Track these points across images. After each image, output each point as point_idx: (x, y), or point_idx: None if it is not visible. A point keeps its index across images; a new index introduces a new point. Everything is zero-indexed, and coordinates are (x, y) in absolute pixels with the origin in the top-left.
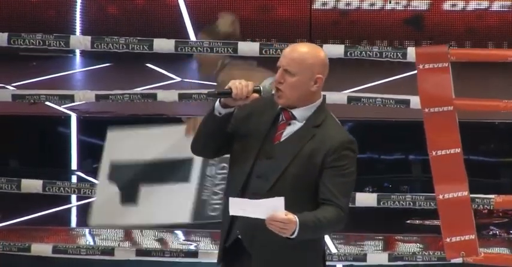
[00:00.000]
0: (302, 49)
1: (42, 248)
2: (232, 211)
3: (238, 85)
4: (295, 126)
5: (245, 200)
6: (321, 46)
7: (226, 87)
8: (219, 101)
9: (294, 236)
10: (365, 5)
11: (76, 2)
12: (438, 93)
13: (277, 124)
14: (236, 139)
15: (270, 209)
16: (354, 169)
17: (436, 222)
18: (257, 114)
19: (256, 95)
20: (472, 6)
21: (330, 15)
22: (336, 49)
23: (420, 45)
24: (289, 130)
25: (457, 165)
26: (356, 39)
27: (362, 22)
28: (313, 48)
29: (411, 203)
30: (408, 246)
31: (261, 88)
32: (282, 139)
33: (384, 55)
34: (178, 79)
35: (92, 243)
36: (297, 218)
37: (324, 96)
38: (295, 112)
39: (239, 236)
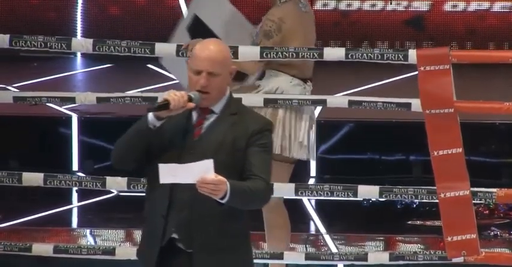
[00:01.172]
0: (214, 48)
1: (43, 248)
2: (163, 179)
3: (175, 96)
4: (212, 117)
5: (174, 165)
6: (322, 49)
7: (161, 99)
8: (153, 114)
9: (225, 200)
10: (366, 6)
11: (77, 2)
12: (439, 95)
13: (193, 122)
14: (154, 147)
15: (200, 173)
16: (272, 149)
17: (437, 223)
18: (167, 119)
19: (191, 104)
20: (473, 7)
21: (331, 16)
22: (337, 52)
23: (421, 45)
24: (207, 124)
25: (458, 164)
26: (357, 39)
27: (363, 23)
28: (220, 43)
29: (413, 196)
30: (409, 247)
31: (192, 96)
32: (202, 132)
33: (385, 57)
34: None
35: (92, 243)
36: (227, 181)
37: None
38: (213, 107)
39: (175, 236)
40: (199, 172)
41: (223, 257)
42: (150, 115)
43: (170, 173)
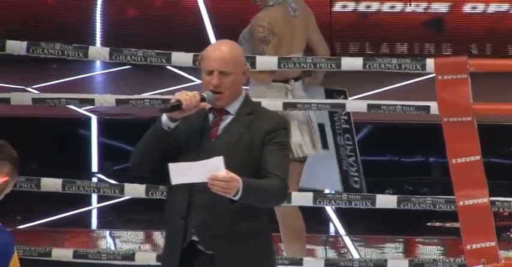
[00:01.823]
0: (226, 48)
1: (62, 253)
2: (174, 180)
3: (186, 96)
4: (228, 118)
5: (184, 163)
6: (339, 59)
7: (173, 100)
8: (166, 115)
9: (237, 197)
10: (385, 8)
11: (96, 5)
12: (457, 104)
13: (210, 123)
14: (171, 150)
15: (211, 170)
16: (288, 147)
17: (456, 224)
18: (183, 120)
19: (204, 104)
20: (492, 8)
21: (350, 17)
22: (355, 62)
23: (440, 47)
24: (223, 125)
25: (477, 172)
26: (376, 41)
27: (382, 24)
28: (233, 43)
29: (431, 206)
30: (429, 249)
31: (205, 96)
32: (218, 134)
33: (402, 67)
34: (199, 81)
35: (112, 245)
36: (239, 178)
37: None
38: (228, 107)
39: (194, 238)
40: (210, 170)
41: (243, 258)
42: (164, 117)
43: (181, 172)
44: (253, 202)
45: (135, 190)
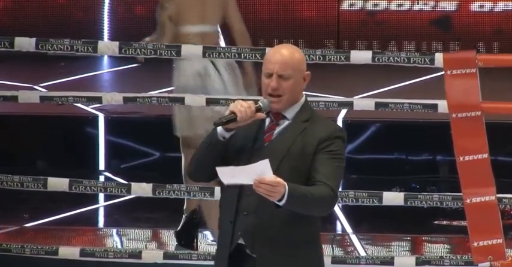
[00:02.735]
0: (287, 52)
1: (69, 251)
2: (225, 181)
3: (241, 108)
4: (285, 124)
5: (231, 167)
6: (349, 52)
7: (227, 112)
8: (222, 126)
9: (282, 202)
10: (393, 6)
11: (104, 2)
12: (466, 99)
13: (265, 127)
14: (228, 154)
15: (258, 174)
16: (344, 156)
17: (463, 222)
18: (242, 125)
19: (261, 114)
20: (500, 7)
21: (357, 15)
22: (364, 56)
23: (448, 45)
24: (278, 130)
25: (484, 170)
26: (384, 39)
27: (390, 23)
28: (294, 48)
29: (438, 203)
30: (436, 248)
31: (261, 105)
32: (273, 138)
33: (411, 60)
34: None
35: (119, 243)
36: (286, 183)
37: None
38: (285, 112)
39: (241, 242)
40: (257, 173)
41: (287, 264)
42: (219, 128)
43: (229, 175)
44: (298, 209)
45: (142, 189)
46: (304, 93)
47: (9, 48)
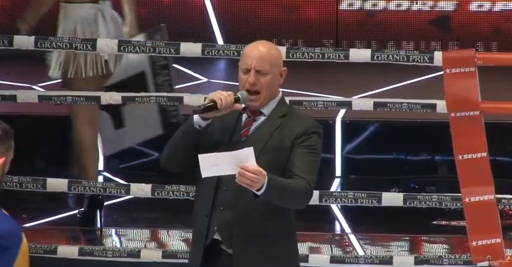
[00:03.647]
0: (264, 48)
1: (68, 250)
2: (204, 172)
3: (221, 96)
4: (261, 119)
5: (214, 154)
6: (348, 50)
7: (207, 101)
8: (199, 115)
9: (261, 191)
10: (392, 6)
11: None
12: (465, 98)
13: (243, 123)
14: (202, 147)
15: (241, 161)
16: (320, 151)
17: (462, 223)
18: (218, 118)
19: (239, 105)
20: (498, 7)
21: (356, 16)
22: (363, 54)
23: (447, 46)
24: (255, 125)
25: (483, 169)
26: (382, 40)
27: (389, 23)
28: (270, 44)
29: (437, 204)
30: (434, 248)
31: (240, 96)
32: (249, 134)
33: (410, 59)
34: (205, 79)
35: (118, 243)
36: (266, 173)
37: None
38: (263, 108)
39: (217, 237)
40: (239, 161)
41: (264, 259)
42: (196, 116)
43: (210, 163)
44: (275, 200)
45: (141, 190)
46: (281, 89)
47: (8, 46)
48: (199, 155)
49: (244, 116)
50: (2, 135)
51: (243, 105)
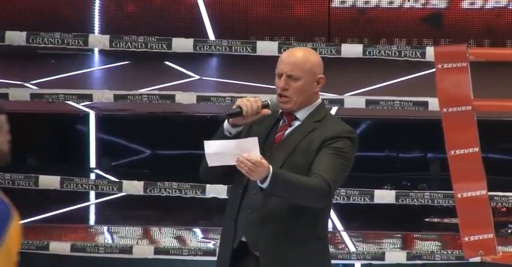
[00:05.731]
0: (300, 54)
1: (60, 247)
2: (210, 161)
3: (247, 102)
4: (295, 124)
5: (218, 141)
6: (340, 45)
7: (234, 107)
8: (228, 121)
9: (265, 184)
10: (384, 3)
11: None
12: (457, 93)
13: (278, 127)
14: None
15: (244, 151)
16: (350, 156)
17: (454, 220)
18: (257, 124)
19: (266, 110)
20: (490, 4)
21: (348, 13)
22: (355, 49)
23: (439, 43)
24: (289, 130)
25: (475, 164)
26: (375, 37)
27: (380, 20)
28: (309, 51)
29: (430, 201)
30: (427, 245)
31: (269, 102)
32: (283, 138)
33: (402, 54)
34: (197, 77)
35: (110, 241)
36: (270, 166)
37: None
38: (298, 113)
39: (243, 239)
40: (243, 150)
41: (291, 262)
42: (226, 123)
43: (215, 150)
44: (284, 195)
45: (133, 187)
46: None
47: (0, 42)
48: (205, 141)
49: (281, 122)
50: None
51: (278, 109)
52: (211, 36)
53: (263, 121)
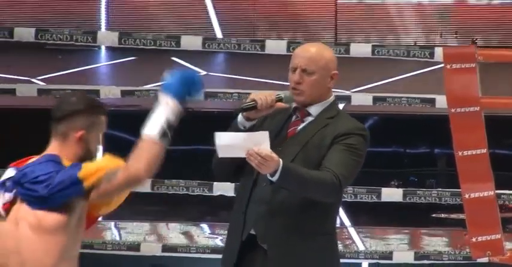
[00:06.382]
0: (314, 49)
1: None
2: (220, 152)
3: (261, 96)
4: (308, 120)
5: (229, 133)
6: (349, 44)
7: (248, 100)
8: (242, 114)
9: (275, 178)
10: None
11: None
12: (465, 93)
13: (290, 122)
14: None
15: (255, 144)
16: (362, 153)
17: (461, 216)
18: (270, 118)
19: (280, 104)
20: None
21: (355, 7)
22: (363, 49)
23: (446, 38)
24: (301, 126)
25: (483, 165)
26: (381, 32)
27: (388, 15)
28: (324, 46)
29: (437, 199)
30: (434, 241)
31: (282, 96)
32: (295, 133)
33: (411, 54)
34: (204, 72)
35: (117, 237)
36: (281, 160)
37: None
38: (310, 109)
39: (252, 232)
40: (254, 143)
41: (299, 256)
42: (240, 116)
43: (226, 142)
44: (294, 188)
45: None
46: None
47: (9, 38)
48: (216, 133)
49: (294, 117)
50: (82, 109)
51: (291, 105)
52: (216, 27)
53: (276, 116)
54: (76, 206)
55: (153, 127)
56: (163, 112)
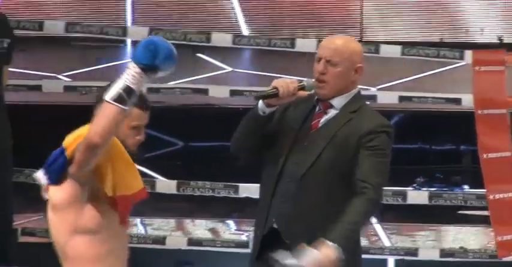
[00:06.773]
0: (340, 41)
1: None
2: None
3: (283, 83)
4: (332, 113)
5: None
6: (378, 44)
7: (270, 87)
8: (263, 101)
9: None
10: None
11: None
12: (492, 96)
13: (314, 114)
14: (273, 133)
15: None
16: (388, 152)
17: (487, 213)
18: (293, 106)
19: (302, 92)
20: None
21: (381, 3)
22: (393, 49)
23: (472, 36)
24: (325, 118)
25: (507, 167)
26: (407, 29)
27: (413, 10)
28: (350, 39)
29: (462, 202)
30: (460, 238)
31: (305, 83)
32: (319, 126)
33: (440, 55)
34: (230, 69)
35: (143, 231)
36: (332, 245)
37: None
38: (333, 101)
39: (274, 225)
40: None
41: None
42: (260, 102)
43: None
44: (353, 240)
45: (166, 186)
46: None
47: (39, 31)
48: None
49: (317, 108)
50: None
51: (309, 93)
52: (241, 22)
53: (299, 105)
54: (75, 179)
55: (111, 92)
56: (123, 78)
